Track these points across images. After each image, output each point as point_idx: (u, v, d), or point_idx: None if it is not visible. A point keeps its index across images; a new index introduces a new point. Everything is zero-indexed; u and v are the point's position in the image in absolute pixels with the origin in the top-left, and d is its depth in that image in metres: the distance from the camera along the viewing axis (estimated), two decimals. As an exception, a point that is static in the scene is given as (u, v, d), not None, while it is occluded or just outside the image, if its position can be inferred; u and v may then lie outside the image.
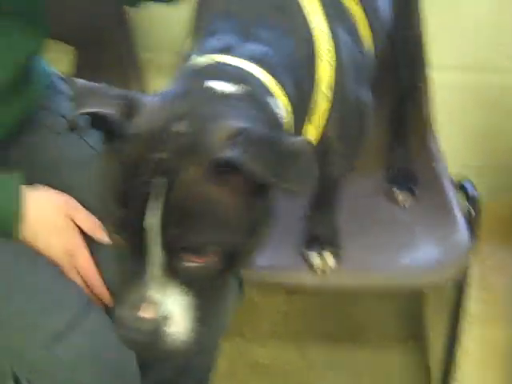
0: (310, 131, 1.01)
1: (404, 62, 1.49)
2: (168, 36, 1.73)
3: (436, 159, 1.53)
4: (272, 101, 0.88)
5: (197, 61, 0.91)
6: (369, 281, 1.31)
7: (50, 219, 1.02)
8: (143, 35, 1.70)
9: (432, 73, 1.57)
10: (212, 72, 0.87)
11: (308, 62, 0.98)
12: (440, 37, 1.63)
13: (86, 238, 1.05)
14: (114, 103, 0.81)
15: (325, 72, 0.99)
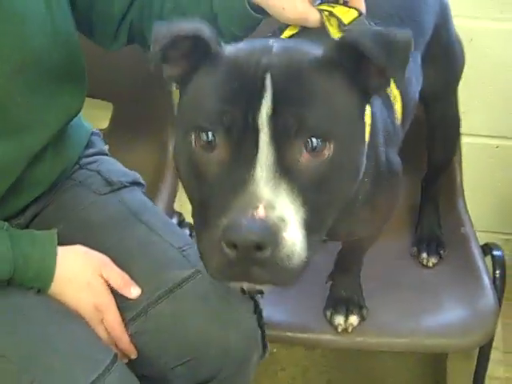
0: None
1: (441, 138, 1.51)
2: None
3: (464, 223, 1.54)
4: None
5: None
6: (392, 342, 1.31)
7: (80, 275, 1.05)
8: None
9: (463, 138, 1.60)
10: None
11: None
12: (472, 107, 1.67)
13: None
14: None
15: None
